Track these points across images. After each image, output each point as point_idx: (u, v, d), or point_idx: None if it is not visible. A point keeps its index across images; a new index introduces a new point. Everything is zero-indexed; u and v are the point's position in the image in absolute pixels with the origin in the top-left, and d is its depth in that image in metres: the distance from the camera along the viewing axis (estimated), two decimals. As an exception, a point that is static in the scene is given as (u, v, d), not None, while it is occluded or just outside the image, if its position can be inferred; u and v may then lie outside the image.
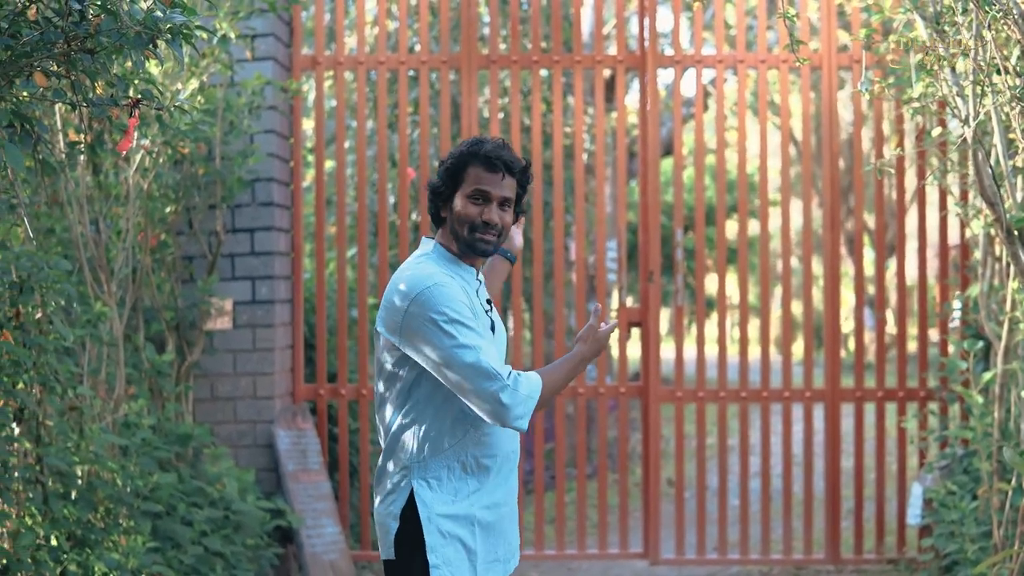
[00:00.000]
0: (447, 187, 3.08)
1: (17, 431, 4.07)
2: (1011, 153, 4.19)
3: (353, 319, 6.83)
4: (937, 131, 5.09)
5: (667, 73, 7.25)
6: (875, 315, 6.34)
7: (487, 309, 3.10)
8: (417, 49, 8.04)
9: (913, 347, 9.70)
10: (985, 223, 5.33)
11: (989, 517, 5.08)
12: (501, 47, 8.19)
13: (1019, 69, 3.87)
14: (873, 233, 7.07)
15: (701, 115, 6.44)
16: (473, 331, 2.91)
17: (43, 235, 4.91)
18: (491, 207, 3.03)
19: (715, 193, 6.35)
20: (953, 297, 6.12)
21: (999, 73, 3.80)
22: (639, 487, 8.32)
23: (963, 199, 5.79)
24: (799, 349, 16.85)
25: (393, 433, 3.04)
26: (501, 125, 8.22)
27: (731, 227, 16.57)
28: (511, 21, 6.41)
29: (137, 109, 2.93)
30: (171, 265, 5.80)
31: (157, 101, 3.03)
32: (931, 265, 6.83)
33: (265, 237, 5.98)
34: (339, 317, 6.28)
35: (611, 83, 10.39)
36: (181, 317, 5.78)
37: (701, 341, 6.38)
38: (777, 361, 10.04)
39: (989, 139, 4.58)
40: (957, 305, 5.96)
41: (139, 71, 3.18)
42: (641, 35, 6.36)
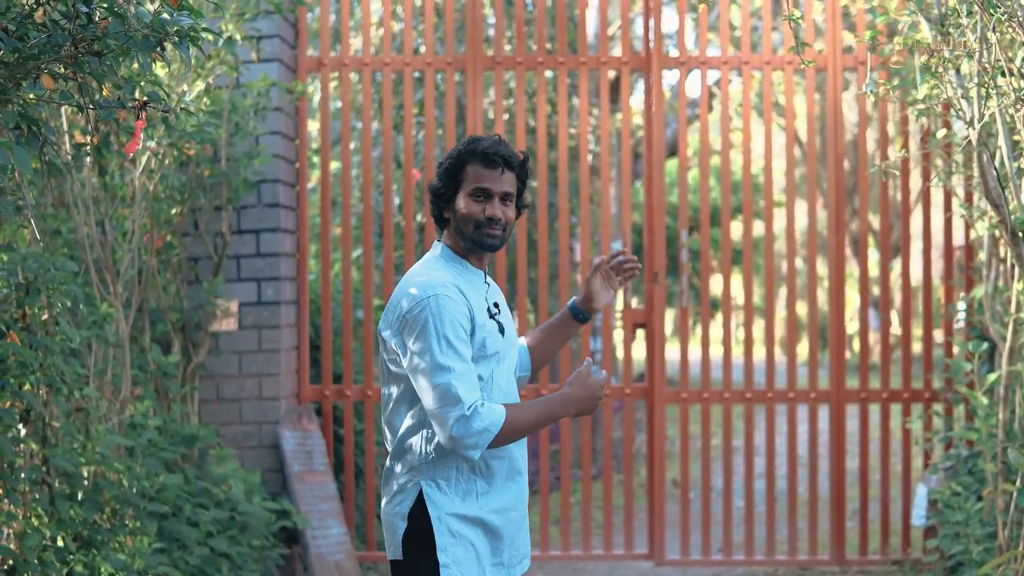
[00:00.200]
0: (447, 188, 3.09)
1: (23, 432, 4.08)
2: (1015, 155, 4.19)
3: (358, 320, 6.84)
4: (942, 133, 5.10)
5: (672, 74, 7.25)
6: (880, 316, 6.34)
7: (494, 313, 3.08)
8: (422, 50, 8.04)
9: (918, 348, 9.69)
10: (990, 224, 5.33)
11: (994, 518, 5.08)
12: (506, 48, 8.19)
13: (1024, 71, 3.88)
14: (878, 234, 7.06)
15: (706, 116, 6.44)
16: (458, 354, 2.90)
17: (49, 236, 4.92)
18: (493, 203, 3.04)
19: (720, 194, 6.35)
20: (958, 298, 6.12)
21: (1004, 75, 3.80)
22: (644, 488, 8.32)
23: (968, 201, 5.79)
24: (804, 350, 16.87)
25: (401, 434, 3.04)
26: (506, 126, 8.23)
27: (736, 228, 16.55)
28: (516, 22, 6.41)
29: (144, 111, 2.94)
30: (177, 266, 5.80)
31: (164, 103, 3.04)
32: (936, 266, 6.84)
33: (271, 238, 5.99)
34: (344, 318, 6.29)
35: (616, 84, 10.39)
36: (187, 318, 5.79)
37: (706, 342, 6.38)
38: (782, 362, 10.03)
39: (994, 141, 4.58)
40: (962, 306, 5.96)
41: (146, 73, 3.18)
42: (646, 36, 6.37)
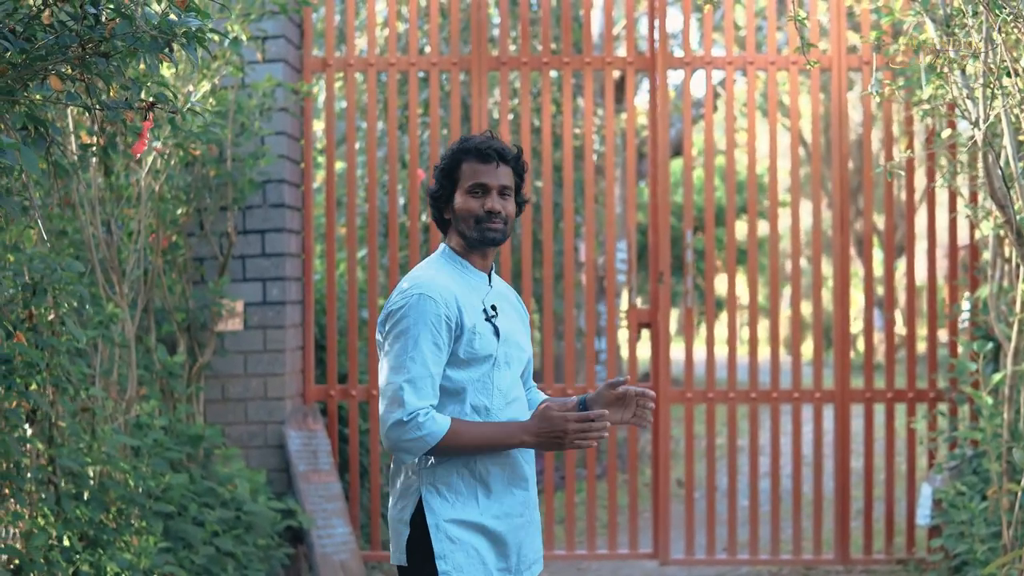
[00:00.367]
0: (445, 188, 3.07)
1: (30, 432, 4.08)
2: (1021, 155, 4.19)
3: (363, 320, 6.85)
4: (947, 133, 5.10)
5: (676, 74, 7.27)
6: (884, 316, 6.34)
7: (491, 315, 3.03)
8: (427, 51, 8.05)
9: (922, 348, 9.68)
10: (995, 225, 5.33)
11: (999, 518, 5.08)
12: (511, 49, 8.20)
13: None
14: (882, 234, 7.06)
15: (711, 116, 6.44)
16: (423, 357, 2.89)
17: (55, 237, 4.93)
18: (491, 196, 3.02)
19: (724, 194, 6.35)
20: (962, 298, 6.12)
21: (1009, 76, 3.80)
22: (649, 487, 8.33)
23: (973, 201, 5.79)
24: (808, 350, 16.85)
25: None
26: (511, 126, 8.23)
27: (740, 228, 16.54)
28: (521, 23, 6.41)
29: (152, 112, 2.95)
30: (182, 267, 5.82)
31: (172, 104, 3.04)
32: (940, 266, 6.83)
33: (276, 238, 6.00)
34: (349, 318, 6.29)
35: (621, 84, 10.39)
36: (192, 318, 5.80)
37: (711, 342, 6.39)
38: (787, 362, 10.01)
39: (999, 141, 4.58)
40: (966, 306, 5.96)
41: (152, 74, 3.19)
42: (651, 36, 6.36)
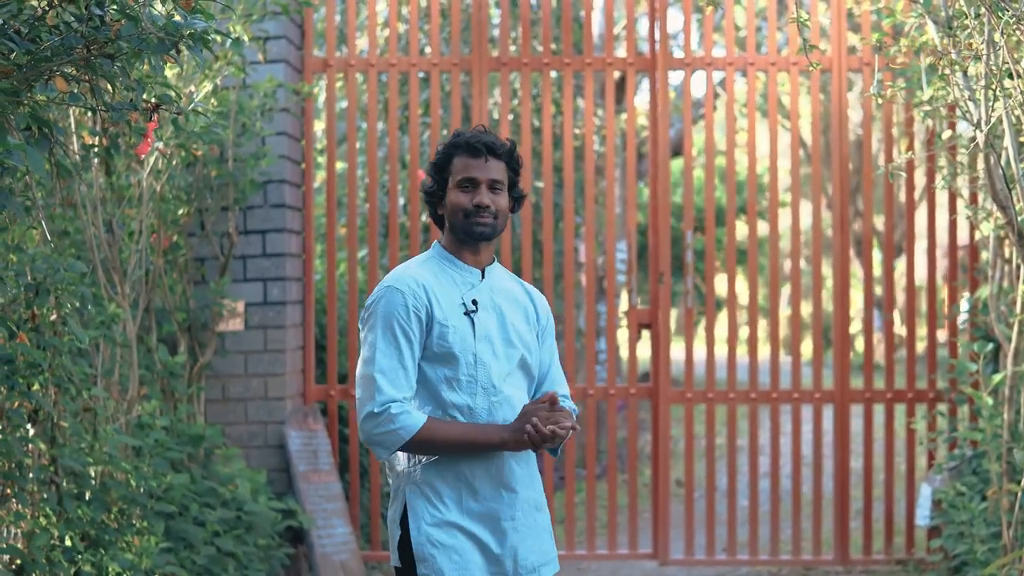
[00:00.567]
0: (438, 184, 3.08)
1: (32, 432, 4.09)
2: (1022, 157, 4.20)
3: (364, 320, 6.85)
4: (947, 134, 5.11)
5: (676, 74, 7.28)
6: (883, 316, 6.35)
7: (470, 310, 2.99)
8: (428, 51, 8.05)
9: (922, 348, 9.70)
10: (995, 226, 5.34)
11: (998, 518, 5.09)
12: (512, 49, 8.21)
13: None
14: (881, 234, 7.06)
15: (711, 116, 6.45)
16: (395, 349, 2.91)
17: (57, 237, 4.93)
18: (480, 190, 3.01)
19: (724, 194, 6.36)
20: (961, 298, 6.13)
21: (1011, 77, 3.81)
22: (648, 488, 8.33)
23: (973, 202, 5.79)
24: (808, 350, 16.85)
25: None
26: (511, 127, 8.24)
27: (740, 228, 16.54)
28: (522, 23, 6.42)
29: (156, 113, 2.95)
30: (183, 267, 5.82)
31: (176, 105, 3.05)
32: (940, 265, 6.84)
33: (277, 239, 6.01)
34: (349, 318, 6.30)
35: (621, 84, 10.40)
36: (193, 318, 5.81)
37: (711, 342, 6.39)
38: (786, 362, 9.99)
39: (1000, 143, 4.59)
40: (964, 306, 5.97)
41: (156, 75, 3.20)
42: (652, 37, 6.36)
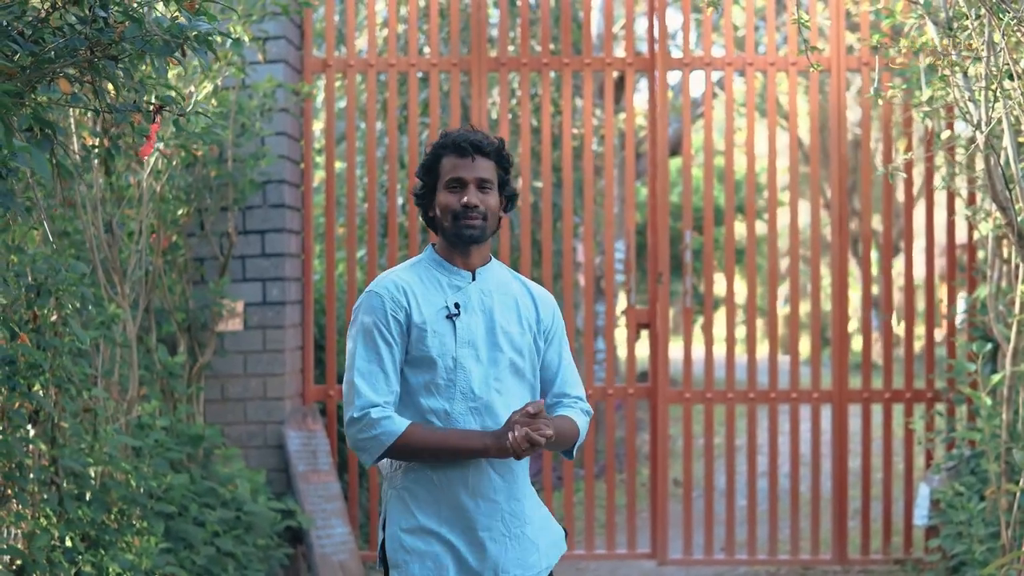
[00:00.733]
0: (427, 186, 3.05)
1: (32, 433, 4.09)
2: (1022, 157, 4.21)
3: (363, 320, 6.84)
4: (946, 135, 5.11)
5: (675, 74, 7.28)
6: (881, 316, 6.36)
7: (452, 314, 2.97)
8: (426, 51, 8.06)
9: (920, 348, 9.72)
10: (994, 226, 5.35)
11: (997, 518, 5.10)
12: (510, 49, 8.21)
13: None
14: (879, 234, 7.07)
15: (710, 116, 6.45)
16: (375, 353, 2.90)
17: (57, 237, 4.93)
18: (468, 190, 2.97)
19: (722, 193, 6.37)
20: (958, 298, 6.14)
21: (1011, 78, 3.82)
22: (647, 487, 8.34)
23: (971, 202, 5.80)
24: (806, 350, 16.87)
25: None
26: (510, 127, 8.24)
27: (739, 228, 16.56)
28: (520, 23, 6.42)
29: (160, 114, 2.95)
30: (183, 267, 5.82)
31: (179, 107, 3.05)
32: (938, 265, 6.85)
33: (276, 239, 6.01)
34: (349, 318, 6.29)
35: (620, 84, 10.40)
36: (193, 319, 5.81)
37: (709, 342, 6.40)
38: (784, 362, 10.00)
39: (1000, 143, 4.60)
40: (962, 306, 5.98)
41: (158, 77, 3.20)
42: (651, 37, 6.36)
